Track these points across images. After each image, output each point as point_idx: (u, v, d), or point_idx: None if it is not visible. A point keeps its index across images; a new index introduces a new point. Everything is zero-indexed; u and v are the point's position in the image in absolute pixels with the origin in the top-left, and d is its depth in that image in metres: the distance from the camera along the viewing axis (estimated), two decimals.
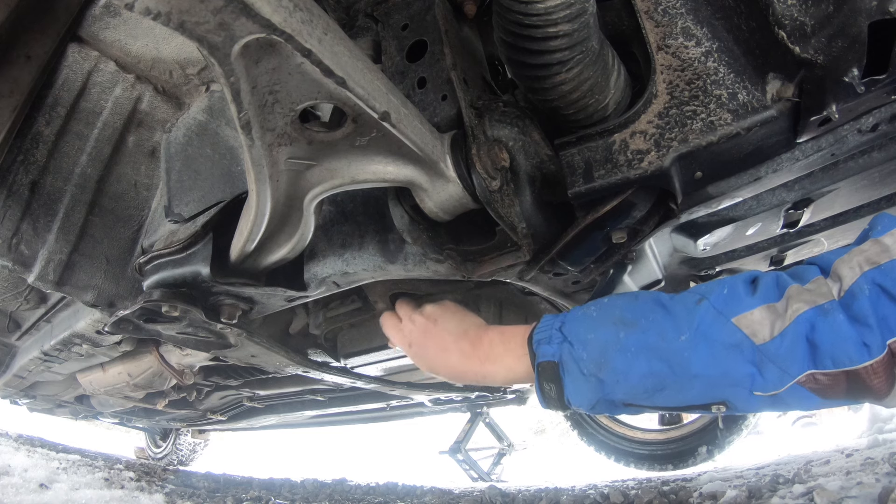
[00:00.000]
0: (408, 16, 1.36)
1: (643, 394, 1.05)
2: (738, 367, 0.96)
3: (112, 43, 1.75)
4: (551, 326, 1.17)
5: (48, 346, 2.60)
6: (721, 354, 0.97)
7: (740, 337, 0.96)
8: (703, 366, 0.98)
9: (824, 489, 2.06)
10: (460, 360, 1.37)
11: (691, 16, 1.12)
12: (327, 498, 4.13)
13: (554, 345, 1.14)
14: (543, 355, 1.15)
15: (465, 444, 6.13)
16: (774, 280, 1.00)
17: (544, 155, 1.23)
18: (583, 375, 1.08)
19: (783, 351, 0.93)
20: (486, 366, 1.32)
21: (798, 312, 0.93)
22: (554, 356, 1.13)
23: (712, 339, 0.98)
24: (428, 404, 3.90)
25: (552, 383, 1.13)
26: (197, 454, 7.36)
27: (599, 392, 1.08)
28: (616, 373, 1.05)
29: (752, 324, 0.96)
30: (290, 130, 1.00)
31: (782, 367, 0.93)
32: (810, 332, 0.92)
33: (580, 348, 1.09)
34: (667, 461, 4.14)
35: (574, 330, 1.13)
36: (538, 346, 1.16)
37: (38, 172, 1.72)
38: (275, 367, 2.27)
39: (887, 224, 0.95)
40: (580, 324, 1.13)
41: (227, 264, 1.40)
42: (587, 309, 1.16)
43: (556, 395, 1.14)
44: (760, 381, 0.95)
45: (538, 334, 1.18)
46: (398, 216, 1.29)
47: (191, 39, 0.74)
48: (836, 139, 1.09)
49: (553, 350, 1.13)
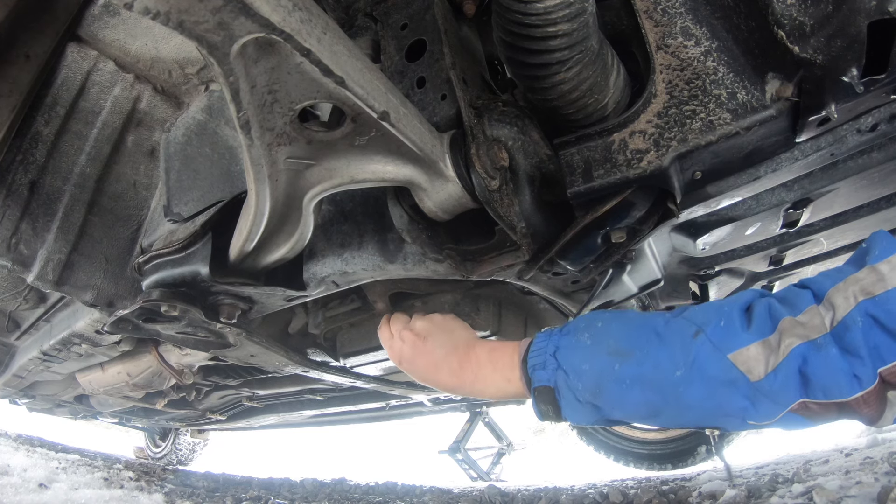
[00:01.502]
0: (407, 15, 1.36)
1: (638, 419, 1.11)
2: (732, 402, 0.98)
3: (111, 42, 1.75)
4: (545, 351, 1.18)
5: (47, 346, 2.60)
6: (716, 391, 0.99)
7: (736, 374, 0.97)
8: (699, 400, 1.00)
9: (823, 488, 2.06)
10: (450, 378, 1.38)
11: (690, 15, 1.12)
12: (326, 497, 4.13)
13: (549, 370, 1.15)
14: (539, 380, 1.16)
15: (464, 443, 6.14)
16: (767, 310, 1.01)
17: (543, 154, 1.23)
18: (578, 402, 1.10)
19: (777, 386, 0.94)
20: (476, 384, 1.33)
21: (791, 347, 0.94)
22: (549, 381, 1.14)
23: (708, 375, 0.99)
24: (427, 404, 3.90)
25: (549, 405, 1.16)
26: (196, 454, 7.35)
27: (596, 415, 1.11)
28: (612, 401, 1.07)
29: (747, 360, 0.97)
30: (290, 130, 1.00)
31: (775, 401, 0.95)
32: (803, 365, 0.93)
33: (575, 379, 1.11)
34: (666, 461, 4.14)
35: (568, 359, 1.14)
36: (533, 371, 1.18)
37: (38, 172, 1.72)
38: (274, 366, 2.27)
39: (885, 248, 0.94)
40: (574, 353, 1.14)
41: (226, 264, 1.40)
42: (580, 336, 1.16)
43: (553, 415, 1.17)
44: (753, 412, 0.97)
45: (532, 358, 1.19)
46: (397, 216, 1.29)
47: (190, 39, 0.74)
48: (835, 139, 1.09)
49: (548, 376, 1.15)
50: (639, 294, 1.76)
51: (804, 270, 1.92)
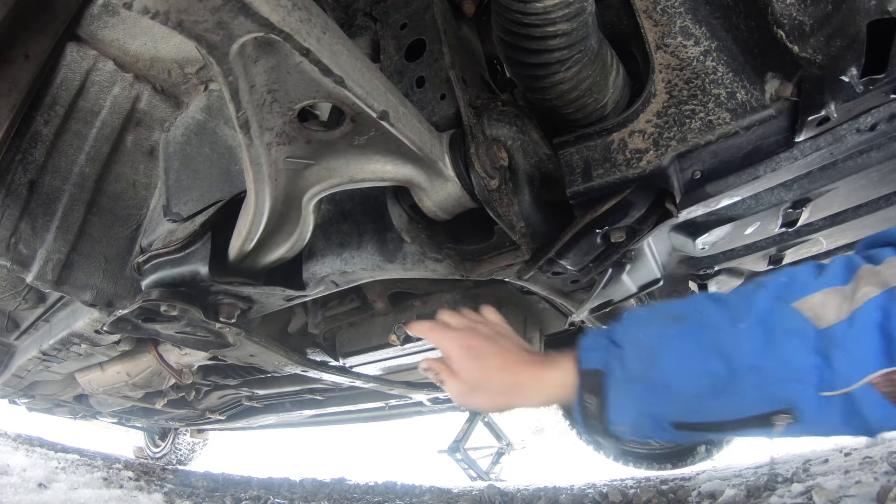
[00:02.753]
0: (406, 15, 1.36)
1: (694, 400, 0.92)
2: (800, 356, 0.83)
3: (110, 42, 1.75)
4: (598, 335, 1.07)
5: (47, 346, 2.59)
6: (781, 340, 0.85)
7: (801, 321, 0.84)
8: (761, 355, 0.86)
9: (823, 488, 2.06)
10: None
11: (690, 15, 1.12)
12: (326, 497, 4.13)
13: (600, 351, 1.03)
14: (587, 362, 1.04)
15: (463, 443, 6.13)
16: (845, 262, 0.89)
17: (543, 154, 1.23)
18: (627, 381, 0.97)
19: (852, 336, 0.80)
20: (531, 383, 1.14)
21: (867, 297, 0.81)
22: (598, 363, 1.02)
23: (771, 324, 0.87)
24: (427, 403, 3.90)
25: (594, 395, 1.01)
26: (196, 453, 7.35)
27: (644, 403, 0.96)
28: (665, 374, 0.93)
29: (814, 307, 0.84)
30: (289, 129, 1.00)
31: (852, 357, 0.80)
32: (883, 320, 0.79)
33: (630, 348, 0.99)
34: (665, 460, 4.14)
35: (623, 332, 1.03)
36: (583, 354, 1.05)
37: (37, 172, 1.72)
38: (273, 366, 2.27)
39: None
40: (630, 325, 1.04)
41: (225, 263, 1.40)
42: (636, 311, 1.08)
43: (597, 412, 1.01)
44: (828, 373, 0.81)
45: (585, 341, 1.08)
46: (397, 215, 1.29)
47: (189, 38, 0.74)
48: (834, 138, 1.09)
49: (599, 357, 1.03)
50: (638, 294, 1.77)
51: None
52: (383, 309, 2.23)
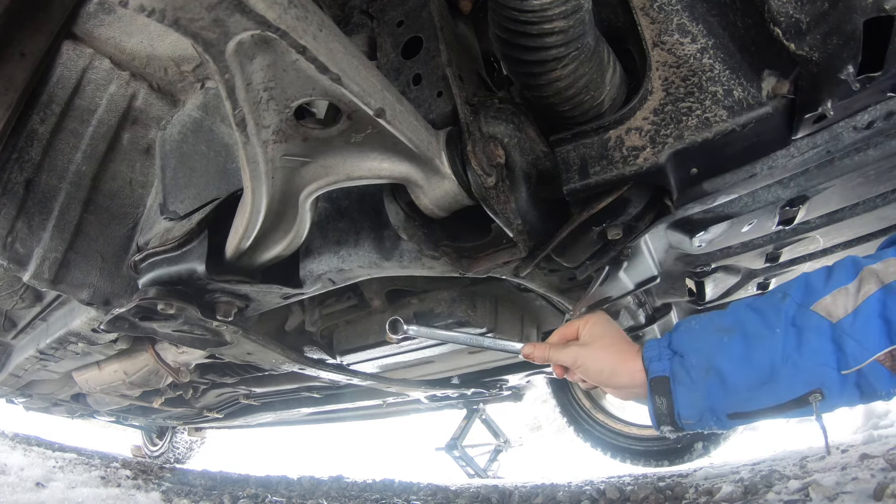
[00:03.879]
0: (403, 12, 1.35)
1: (746, 392, 1.12)
2: (822, 346, 1.03)
3: (107, 40, 1.74)
4: (659, 345, 1.25)
5: (44, 345, 2.59)
6: (807, 337, 1.05)
7: (818, 320, 1.04)
8: (796, 350, 1.06)
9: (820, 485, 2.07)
10: None
11: (687, 12, 1.12)
12: (324, 495, 4.13)
13: (664, 360, 1.21)
14: (655, 371, 1.21)
15: (461, 440, 6.13)
16: (850, 264, 1.07)
17: (540, 151, 1.22)
18: (692, 382, 1.16)
19: (857, 325, 1.00)
20: None
21: (869, 293, 1.01)
22: (664, 371, 1.20)
23: (799, 326, 1.07)
24: (424, 401, 3.90)
25: (663, 397, 1.20)
26: (193, 452, 7.35)
27: (707, 400, 1.15)
28: (722, 374, 1.13)
29: (827, 307, 1.04)
30: (286, 127, 1.00)
31: (858, 341, 1.00)
32: (883, 310, 0.99)
33: (690, 356, 1.18)
34: (663, 457, 4.15)
35: (682, 342, 1.21)
36: (650, 364, 1.23)
37: (33, 170, 1.72)
38: (271, 364, 2.27)
39: None
40: (686, 336, 1.22)
41: (222, 262, 1.40)
42: (688, 323, 1.25)
43: (667, 410, 1.20)
44: (843, 357, 1.01)
45: (648, 352, 1.25)
46: (394, 213, 1.29)
47: (185, 36, 0.74)
48: (831, 136, 1.10)
49: (664, 366, 1.21)
50: (635, 291, 1.77)
51: (800, 267, 1.92)
52: (380, 306, 2.23)
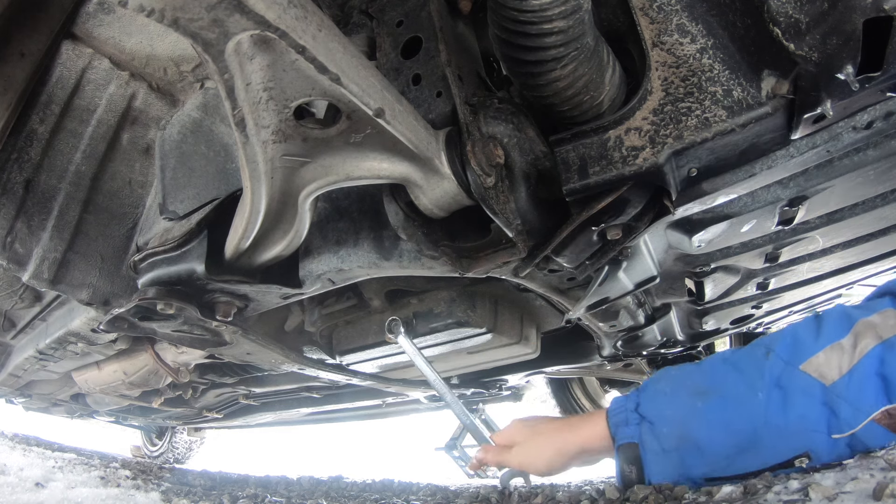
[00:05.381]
0: (402, 12, 1.35)
1: (724, 460, 1.06)
2: (812, 410, 0.97)
3: (106, 40, 1.74)
4: (625, 408, 1.20)
5: (43, 345, 2.59)
6: (794, 400, 0.98)
7: (810, 381, 0.97)
8: (781, 415, 0.99)
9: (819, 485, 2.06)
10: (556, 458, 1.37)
11: (686, 12, 1.12)
12: (323, 495, 4.13)
13: (632, 426, 1.16)
14: (623, 437, 1.17)
15: (460, 440, 6.12)
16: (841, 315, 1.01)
17: (539, 151, 1.22)
18: (664, 452, 1.10)
19: (853, 387, 0.94)
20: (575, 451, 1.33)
21: (867, 349, 0.94)
22: (633, 437, 1.15)
23: (785, 388, 0.99)
24: (424, 401, 3.90)
25: (633, 465, 1.15)
26: (193, 452, 7.35)
27: (680, 468, 1.09)
28: (698, 443, 1.07)
29: (819, 367, 0.97)
30: (285, 127, 1.00)
31: (854, 405, 0.94)
32: (880, 367, 0.92)
33: (661, 424, 1.12)
34: None
35: (651, 408, 1.15)
36: (616, 430, 1.19)
37: (33, 170, 1.72)
38: (270, 364, 2.27)
39: None
40: (656, 401, 1.16)
41: (222, 262, 1.40)
42: (658, 385, 1.19)
43: (636, 477, 1.15)
44: (835, 421, 0.95)
45: (614, 416, 1.21)
46: (393, 213, 1.29)
47: (185, 36, 0.74)
48: (830, 136, 1.10)
49: (631, 431, 1.16)
50: (635, 291, 1.77)
51: (800, 268, 1.92)
52: (380, 307, 2.23)
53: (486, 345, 2.25)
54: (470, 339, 2.16)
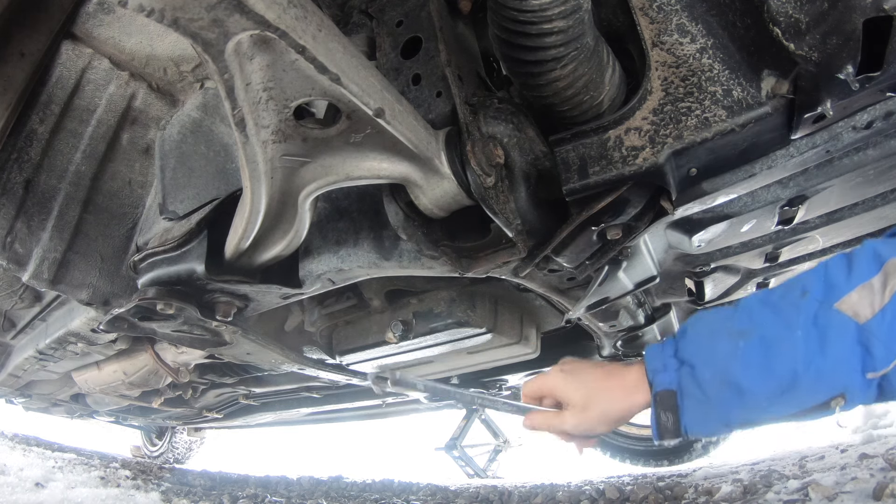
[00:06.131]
0: (402, 12, 1.35)
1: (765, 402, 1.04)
2: (848, 349, 0.96)
3: (106, 40, 1.74)
4: (663, 354, 1.15)
5: (43, 345, 2.59)
6: (831, 339, 0.97)
7: (844, 320, 0.97)
8: (819, 354, 0.98)
9: (819, 484, 2.07)
10: None
11: (686, 12, 1.12)
12: (323, 495, 4.13)
13: (670, 372, 1.12)
14: (660, 384, 1.12)
15: (460, 440, 6.13)
16: (872, 253, 1.00)
17: (539, 151, 1.22)
18: (705, 398, 1.07)
19: (885, 326, 0.93)
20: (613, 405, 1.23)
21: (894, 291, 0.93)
22: (671, 384, 1.11)
23: (821, 327, 0.99)
24: (424, 401, 3.90)
25: (670, 413, 1.11)
26: (193, 452, 7.35)
27: (721, 414, 1.07)
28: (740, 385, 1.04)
29: (852, 305, 0.97)
30: (285, 127, 1.00)
31: (886, 345, 0.93)
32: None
33: (702, 368, 1.08)
34: (662, 457, 4.15)
35: (691, 352, 1.12)
36: (654, 376, 1.14)
37: (32, 170, 1.72)
38: (270, 364, 2.27)
39: None
40: (696, 344, 1.12)
41: (221, 262, 1.40)
42: (696, 328, 1.15)
43: (672, 426, 1.11)
44: (870, 360, 0.95)
45: (651, 362, 1.16)
46: (393, 213, 1.29)
47: (185, 36, 0.74)
48: (830, 136, 1.10)
49: (670, 378, 1.12)
50: (634, 291, 1.77)
51: (800, 267, 1.92)
52: (380, 307, 2.23)
53: (486, 345, 2.24)
54: (470, 339, 2.15)
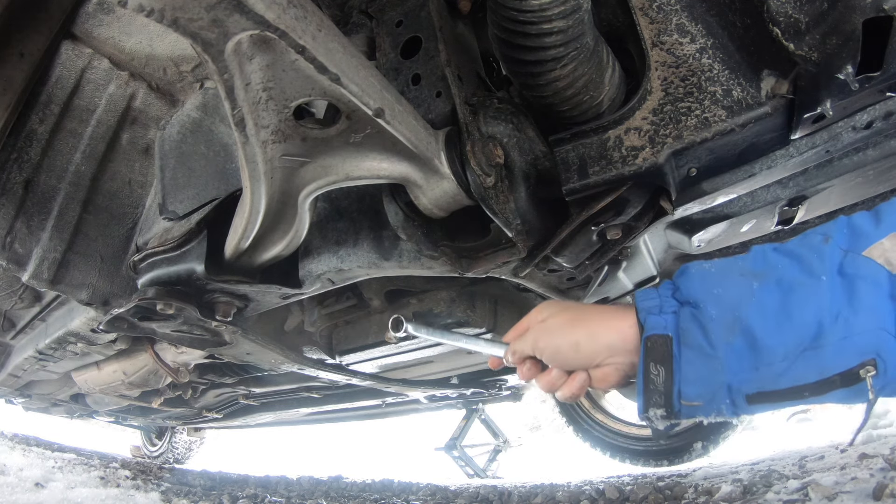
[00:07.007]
0: (402, 12, 1.35)
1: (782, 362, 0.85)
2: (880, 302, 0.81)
3: (106, 40, 1.74)
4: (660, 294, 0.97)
5: (43, 345, 2.59)
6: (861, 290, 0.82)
7: (875, 268, 0.83)
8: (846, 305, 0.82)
9: (819, 484, 2.07)
10: None
11: (686, 12, 1.12)
12: (323, 495, 4.13)
13: (667, 314, 0.93)
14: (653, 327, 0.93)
15: (460, 440, 6.13)
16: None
17: (539, 151, 1.22)
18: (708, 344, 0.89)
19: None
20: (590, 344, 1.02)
21: None
22: (666, 328, 0.92)
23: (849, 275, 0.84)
24: (423, 401, 3.90)
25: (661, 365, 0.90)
26: (193, 452, 7.35)
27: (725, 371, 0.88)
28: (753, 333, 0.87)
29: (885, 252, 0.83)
30: (285, 127, 1.00)
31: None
32: None
33: (708, 305, 0.90)
34: (662, 457, 4.14)
35: (694, 288, 0.93)
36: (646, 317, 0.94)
37: (32, 171, 1.72)
38: (270, 364, 2.27)
39: None
40: (700, 281, 0.94)
41: (221, 262, 1.40)
42: (701, 265, 0.97)
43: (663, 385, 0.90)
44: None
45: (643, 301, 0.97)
46: (393, 213, 1.29)
47: (184, 36, 0.74)
48: (830, 136, 1.10)
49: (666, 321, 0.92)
50: (634, 291, 1.77)
51: None
52: (379, 306, 2.23)
53: None
54: None
